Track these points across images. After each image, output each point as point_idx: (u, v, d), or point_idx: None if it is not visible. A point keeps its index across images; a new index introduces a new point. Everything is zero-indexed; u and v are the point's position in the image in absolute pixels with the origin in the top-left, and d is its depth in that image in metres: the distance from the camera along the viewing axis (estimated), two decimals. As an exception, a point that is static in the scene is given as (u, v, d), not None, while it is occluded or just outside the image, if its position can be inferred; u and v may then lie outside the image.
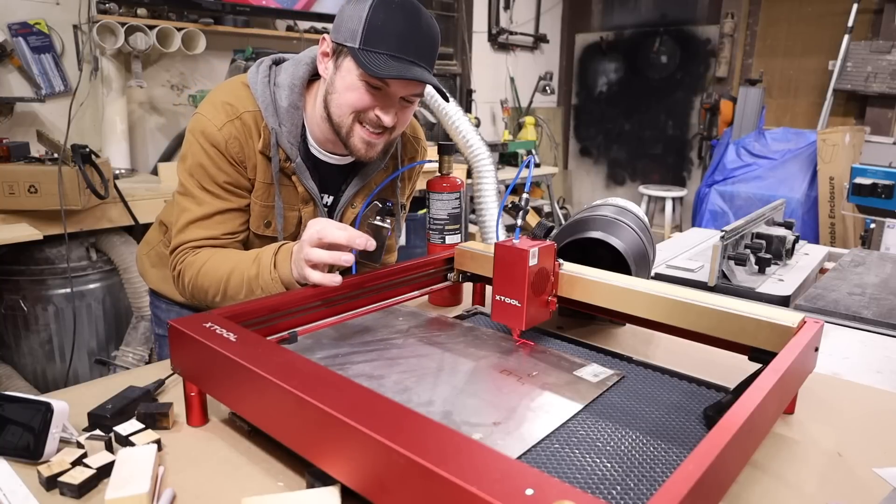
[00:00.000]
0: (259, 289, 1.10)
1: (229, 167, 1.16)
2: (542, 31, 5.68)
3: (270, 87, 1.17)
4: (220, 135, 1.14)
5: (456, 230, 1.37)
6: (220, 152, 1.14)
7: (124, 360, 2.60)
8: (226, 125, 1.14)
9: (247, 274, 1.11)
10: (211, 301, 1.17)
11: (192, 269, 1.16)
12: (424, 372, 0.92)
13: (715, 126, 5.14)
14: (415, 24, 1.05)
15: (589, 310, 1.09)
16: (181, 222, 1.19)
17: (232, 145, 1.14)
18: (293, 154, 1.18)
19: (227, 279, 1.13)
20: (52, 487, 0.73)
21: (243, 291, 1.12)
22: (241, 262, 1.12)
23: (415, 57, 1.04)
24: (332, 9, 3.56)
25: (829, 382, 1.06)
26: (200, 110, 1.17)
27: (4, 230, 2.21)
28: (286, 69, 1.19)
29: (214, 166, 1.15)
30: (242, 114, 1.15)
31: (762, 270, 1.70)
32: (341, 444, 0.62)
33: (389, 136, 1.16)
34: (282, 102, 1.16)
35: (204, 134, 1.14)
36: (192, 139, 1.16)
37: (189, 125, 1.19)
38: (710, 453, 0.55)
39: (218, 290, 1.14)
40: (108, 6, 2.81)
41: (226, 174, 1.16)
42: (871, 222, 2.65)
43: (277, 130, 1.15)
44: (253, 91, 1.17)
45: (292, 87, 1.16)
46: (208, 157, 1.15)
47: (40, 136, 2.64)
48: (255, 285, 1.10)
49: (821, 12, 4.63)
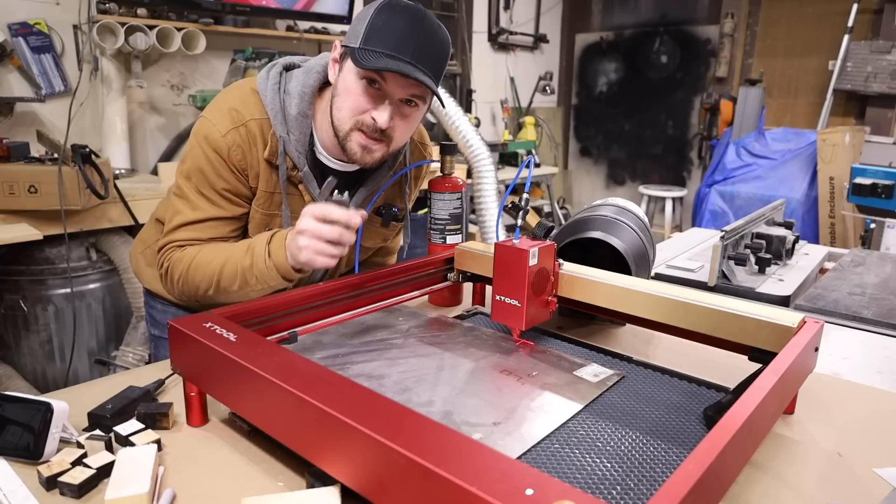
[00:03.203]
0: (254, 279, 1.08)
1: (230, 174, 1.15)
2: (542, 31, 5.68)
3: (280, 94, 1.16)
4: (223, 141, 1.13)
5: (457, 230, 1.37)
6: (222, 159, 1.14)
7: (124, 360, 2.60)
8: (230, 132, 1.13)
9: (241, 265, 1.09)
10: (203, 296, 1.15)
11: (182, 264, 1.14)
12: (424, 372, 0.92)
13: (715, 126, 5.14)
14: (416, 27, 1.05)
15: (589, 310, 1.09)
16: (173, 223, 1.18)
17: (235, 153, 1.14)
18: (300, 163, 1.17)
19: (220, 272, 1.11)
20: (52, 487, 0.73)
21: (237, 283, 1.10)
22: (234, 254, 1.11)
23: (413, 58, 1.03)
24: (332, 9, 3.56)
25: (829, 382, 1.06)
26: (206, 114, 1.16)
27: (4, 230, 2.21)
28: (297, 77, 1.18)
29: (214, 172, 1.14)
30: (248, 121, 1.14)
31: (762, 270, 1.70)
32: (341, 444, 0.62)
33: (389, 145, 1.14)
34: (291, 110, 1.15)
35: (207, 139, 1.13)
36: (195, 143, 1.15)
37: (193, 128, 1.18)
38: (710, 453, 0.55)
39: (211, 284, 1.12)
40: (108, 6, 2.81)
41: (225, 181, 1.15)
42: (871, 222, 2.65)
43: (285, 138, 1.15)
44: (262, 98, 1.16)
45: (302, 96, 1.16)
46: (209, 162, 1.14)
47: (40, 136, 2.64)
48: (249, 275, 1.08)
49: (821, 12, 4.63)
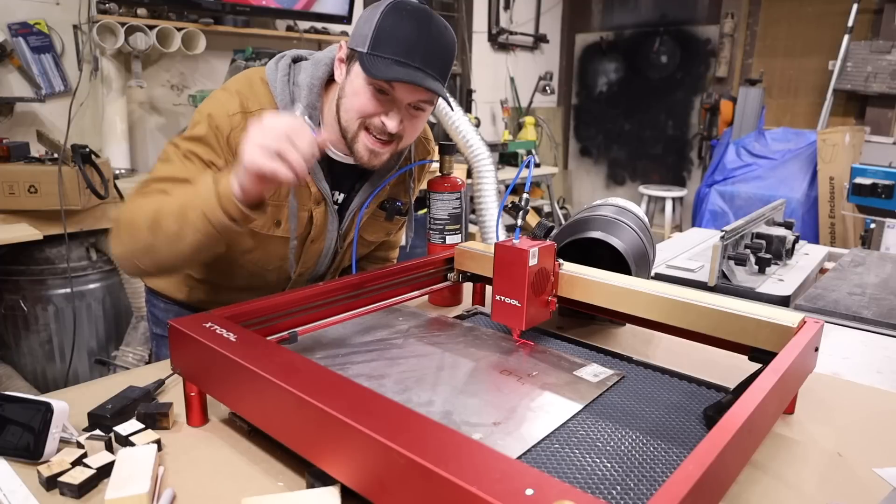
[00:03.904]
0: (195, 212, 0.98)
1: (225, 153, 1.13)
2: (542, 31, 5.68)
3: (290, 85, 1.16)
4: (228, 121, 1.12)
5: (456, 230, 1.37)
6: (223, 136, 1.12)
7: (124, 360, 2.60)
8: (237, 115, 1.12)
9: (184, 198, 1.01)
10: (142, 245, 1.05)
11: (132, 205, 1.07)
12: (424, 372, 0.92)
13: (715, 126, 5.14)
14: (424, 31, 1.05)
15: (589, 310, 1.09)
16: (146, 179, 1.12)
17: (236, 135, 1.12)
18: None
19: (161, 206, 1.03)
20: (52, 487, 0.73)
21: (177, 220, 1.00)
22: (181, 191, 1.04)
23: (421, 63, 1.04)
24: (332, 9, 3.56)
25: (829, 382, 1.06)
26: (215, 95, 1.15)
27: (4, 230, 2.21)
28: (305, 69, 1.18)
29: (207, 146, 1.12)
30: (257, 110, 1.14)
31: (762, 270, 1.70)
32: (341, 444, 0.62)
33: (396, 146, 1.14)
34: (300, 102, 1.15)
35: (212, 115, 1.12)
36: (199, 118, 1.14)
37: (200, 105, 1.16)
38: (710, 453, 0.55)
39: (147, 223, 1.03)
40: (108, 6, 2.81)
41: (216, 156, 1.12)
42: (871, 222, 2.65)
43: None
44: (272, 88, 1.16)
45: (311, 88, 1.16)
46: (206, 136, 1.12)
47: (40, 136, 2.64)
48: (190, 208, 0.99)
49: (821, 12, 4.63)
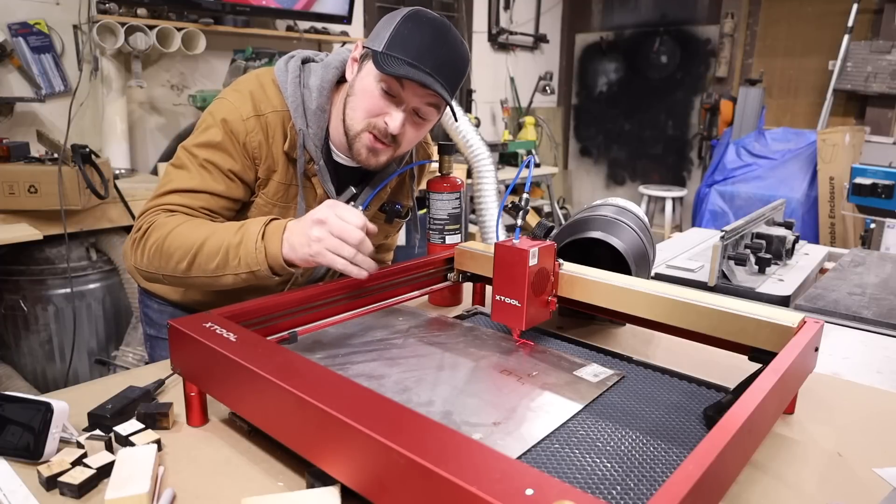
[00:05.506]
0: (237, 260, 1.01)
1: (241, 157, 1.13)
2: (542, 31, 5.68)
3: (301, 87, 1.16)
4: (243, 125, 1.12)
5: (456, 230, 1.37)
6: (239, 142, 1.12)
7: (124, 360, 2.60)
8: (251, 118, 1.12)
9: (227, 241, 1.01)
10: (172, 270, 1.06)
11: (164, 229, 1.06)
12: (424, 372, 0.92)
13: (715, 126, 5.14)
14: (439, 41, 1.06)
15: (589, 310, 1.09)
16: (165, 188, 1.12)
17: (252, 139, 1.12)
18: (317, 156, 1.17)
19: (203, 243, 1.03)
20: (52, 487, 0.73)
21: (216, 261, 1.02)
22: (222, 229, 1.04)
23: (432, 69, 1.05)
24: (332, 9, 3.56)
25: (829, 382, 1.06)
26: (226, 96, 1.15)
27: (4, 230, 2.21)
28: (315, 71, 1.18)
29: (225, 153, 1.12)
30: (269, 113, 1.14)
31: (762, 270, 1.70)
32: (341, 444, 0.62)
33: (396, 150, 1.14)
34: (310, 105, 1.15)
35: (226, 121, 1.12)
36: (211, 121, 1.13)
37: (210, 108, 1.15)
38: (710, 453, 0.55)
39: (186, 255, 1.03)
40: (108, 6, 2.81)
41: (233, 162, 1.13)
42: (871, 222, 2.65)
43: (305, 132, 1.15)
44: (283, 90, 1.15)
45: (321, 90, 1.16)
46: (223, 142, 1.12)
47: (40, 136, 2.64)
48: (232, 255, 1.01)
49: (821, 12, 4.63)
